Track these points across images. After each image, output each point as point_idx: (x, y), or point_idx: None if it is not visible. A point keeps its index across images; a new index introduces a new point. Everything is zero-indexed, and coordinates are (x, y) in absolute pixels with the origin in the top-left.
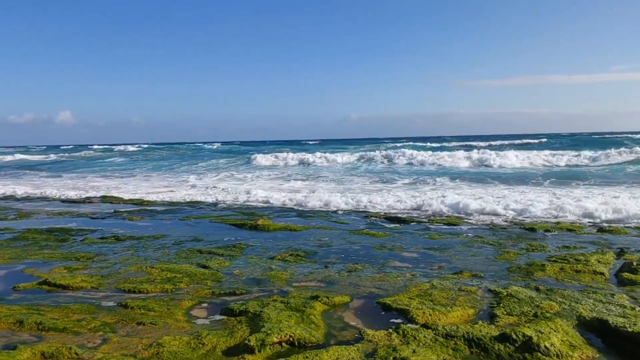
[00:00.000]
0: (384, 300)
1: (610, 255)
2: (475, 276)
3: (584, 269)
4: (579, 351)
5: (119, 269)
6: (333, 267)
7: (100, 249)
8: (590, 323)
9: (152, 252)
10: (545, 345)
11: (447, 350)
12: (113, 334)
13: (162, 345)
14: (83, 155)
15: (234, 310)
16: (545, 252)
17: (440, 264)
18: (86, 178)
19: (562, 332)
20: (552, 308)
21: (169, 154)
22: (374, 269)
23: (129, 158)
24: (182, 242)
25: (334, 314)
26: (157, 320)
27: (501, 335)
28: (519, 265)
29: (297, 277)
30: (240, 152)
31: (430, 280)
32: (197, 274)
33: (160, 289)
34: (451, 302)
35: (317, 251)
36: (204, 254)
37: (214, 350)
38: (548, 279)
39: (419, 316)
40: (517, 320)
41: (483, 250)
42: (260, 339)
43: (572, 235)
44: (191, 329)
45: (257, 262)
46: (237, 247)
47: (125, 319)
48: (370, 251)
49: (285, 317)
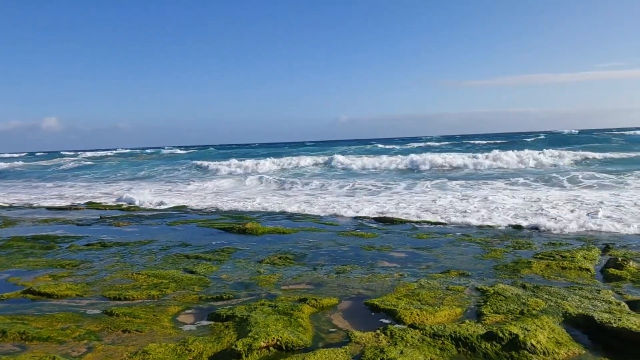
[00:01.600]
0: (372, 301)
1: (596, 251)
2: (462, 275)
3: (570, 266)
4: (565, 348)
5: (104, 276)
6: (322, 269)
7: (85, 255)
8: (576, 319)
9: (139, 258)
10: (531, 343)
11: (434, 350)
12: (98, 342)
13: (147, 353)
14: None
15: (221, 315)
16: (531, 250)
17: (427, 263)
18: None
19: (549, 329)
20: (539, 305)
21: (120, 161)
22: (363, 270)
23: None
24: (169, 248)
25: (322, 317)
26: (143, 328)
27: (488, 334)
28: (505, 263)
29: (286, 280)
30: (203, 156)
31: (418, 280)
32: (184, 280)
33: (147, 296)
34: (439, 301)
35: (306, 253)
36: (191, 259)
37: (200, 357)
38: (534, 276)
39: (407, 316)
40: (503, 319)
41: (470, 249)
42: (247, 344)
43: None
44: (177, 335)
45: (245, 266)
46: (225, 252)
47: (111, 326)
48: (358, 252)
49: (273, 321)
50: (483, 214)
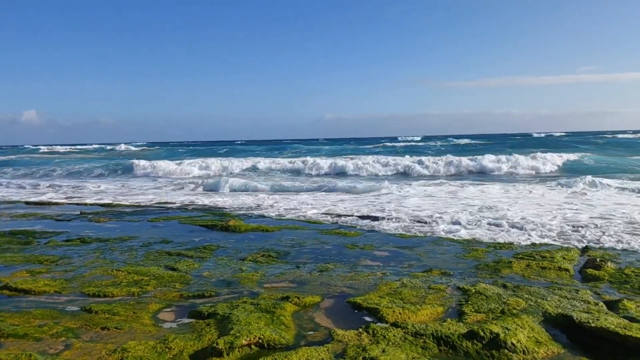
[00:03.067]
0: (355, 300)
1: (575, 252)
2: (444, 274)
3: (549, 266)
4: (545, 347)
5: (83, 272)
6: (305, 267)
7: (65, 251)
8: (556, 319)
9: (119, 254)
10: (511, 342)
11: (416, 349)
12: (76, 339)
13: (126, 350)
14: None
15: (203, 312)
16: (512, 250)
17: (410, 262)
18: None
19: (528, 329)
20: (519, 305)
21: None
22: (346, 268)
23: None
24: (150, 244)
25: (304, 315)
26: (123, 325)
27: (469, 333)
28: (486, 262)
29: (268, 278)
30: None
31: (400, 278)
32: (165, 277)
33: (127, 292)
34: (421, 300)
35: (289, 251)
36: (173, 255)
37: (180, 355)
38: (515, 276)
39: (389, 315)
40: (484, 318)
41: (452, 248)
42: (228, 342)
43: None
44: (158, 333)
45: (227, 264)
46: (207, 249)
47: (89, 323)
48: (342, 250)
49: (255, 319)
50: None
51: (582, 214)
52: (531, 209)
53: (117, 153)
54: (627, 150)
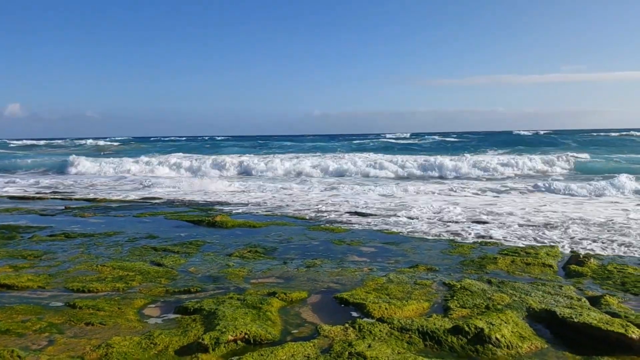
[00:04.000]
0: (341, 295)
1: (559, 248)
2: (430, 270)
3: (533, 262)
4: (529, 342)
5: (68, 267)
6: (292, 263)
7: (49, 246)
8: (539, 314)
9: (104, 249)
10: (496, 337)
11: (402, 344)
12: (60, 335)
13: (111, 346)
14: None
15: (188, 308)
16: (497, 246)
17: (396, 258)
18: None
19: (513, 324)
20: (503, 300)
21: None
22: (333, 264)
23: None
24: (135, 240)
25: (291, 310)
26: (107, 320)
27: (454, 328)
28: (472, 258)
29: (255, 274)
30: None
31: (387, 274)
32: (150, 272)
33: (111, 288)
34: (407, 295)
35: (277, 247)
36: (159, 251)
37: (166, 350)
38: (500, 272)
39: (375, 310)
40: (469, 313)
41: (438, 245)
42: (214, 338)
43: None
44: (143, 328)
45: (213, 259)
46: (193, 244)
47: (73, 319)
48: (329, 246)
49: (241, 315)
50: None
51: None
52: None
53: (87, 148)
54: (609, 150)
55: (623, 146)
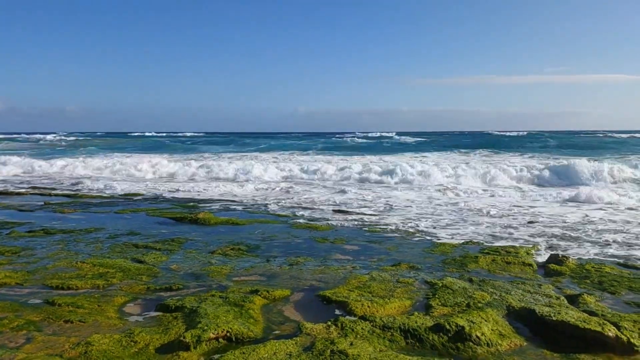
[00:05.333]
0: (324, 293)
1: (538, 247)
2: (412, 268)
3: (514, 261)
4: (508, 340)
5: (47, 264)
6: (275, 261)
7: (27, 242)
8: (519, 312)
9: (84, 246)
10: (476, 335)
11: (383, 342)
12: (38, 332)
13: (90, 344)
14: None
15: (170, 306)
16: (478, 245)
17: (379, 256)
18: None
19: (493, 322)
20: (484, 298)
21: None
22: (316, 262)
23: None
24: (117, 236)
25: (273, 308)
26: (87, 318)
27: (435, 326)
28: (454, 257)
29: (238, 272)
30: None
31: (369, 272)
32: (131, 269)
33: (91, 285)
34: (389, 293)
35: (260, 245)
36: (140, 248)
37: (146, 348)
38: (481, 271)
39: (358, 308)
40: (451, 311)
41: (420, 243)
42: (196, 335)
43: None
44: (123, 326)
45: (196, 257)
46: (175, 242)
47: (52, 316)
48: (312, 244)
49: (223, 312)
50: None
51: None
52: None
53: (45, 143)
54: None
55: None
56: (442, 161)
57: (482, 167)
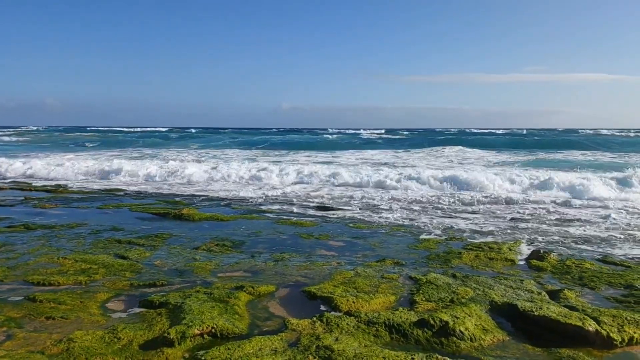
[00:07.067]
0: (309, 289)
1: (520, 243)
2: (397, 264)
3: (496, 257)
4: (491, 335)
5: (27, 259)
6: (260, 257)
7: (7, 238)
8: (502, 308)
9: (66, 242)
10: (460, 330)
11: (368, 337)
12: (19, 329)
13: (73, 341)
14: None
15: (154, 302)
16: (462, 241)
17: (364, 252)
18: None
19: (476, 317)
20: (467, 294)
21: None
22: (301, 258)
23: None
24: (99, 232)
25: (258, 304)
26: (69, 314)
27: (420, 321)
28: (437, 253)
29: (223, 268)
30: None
31: (354, 268)
32: (114, 265)
33: (74, 281)
34: (374, 289)
35: (245, 241)
36: (123, 244)
37: (130, 345)
38: (464, 266)
39: (343, 304)
40: (435, 306)
41: (405, 239)
42: (180, 331)
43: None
44: (106, 322)
45: (180, 253)
46: (159, 237)
47: (33, 313)
48: (297, 240)
49: (208, 309)
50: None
51: None
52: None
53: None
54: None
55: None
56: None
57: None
